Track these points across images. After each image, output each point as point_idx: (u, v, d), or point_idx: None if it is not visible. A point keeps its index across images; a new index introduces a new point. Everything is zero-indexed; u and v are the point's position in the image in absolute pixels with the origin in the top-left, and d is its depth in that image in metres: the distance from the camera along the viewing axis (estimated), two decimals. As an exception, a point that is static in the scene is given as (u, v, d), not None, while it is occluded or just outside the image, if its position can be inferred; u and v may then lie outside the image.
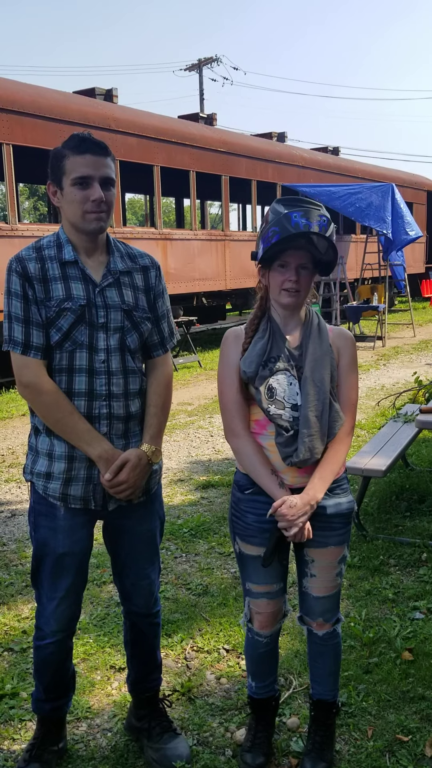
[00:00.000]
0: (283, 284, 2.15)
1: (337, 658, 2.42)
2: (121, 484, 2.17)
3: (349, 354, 2.26)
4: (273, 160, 14.87)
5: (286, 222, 2.04)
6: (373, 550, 4.08)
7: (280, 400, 2.15)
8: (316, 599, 2.31)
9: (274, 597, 2.32)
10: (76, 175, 2.09)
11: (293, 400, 2.15)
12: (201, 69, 33.29)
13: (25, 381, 2.14)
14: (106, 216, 2.15)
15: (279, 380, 2.16)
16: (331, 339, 2.24)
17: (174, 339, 2.41)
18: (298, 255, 2.13)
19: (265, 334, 2.21)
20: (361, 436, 6.70)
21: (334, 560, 2.28)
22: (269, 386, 2.15)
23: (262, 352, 2.17)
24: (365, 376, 10.22)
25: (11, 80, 10.11)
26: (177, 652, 3.11)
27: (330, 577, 2.29)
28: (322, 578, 2.28)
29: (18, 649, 3.14)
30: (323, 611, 2.33)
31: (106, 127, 10.75)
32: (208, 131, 13.38)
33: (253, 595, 2.34)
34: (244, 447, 2.20)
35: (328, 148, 18.71)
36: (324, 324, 2.27)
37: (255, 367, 2.16)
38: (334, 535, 2.25)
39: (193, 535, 4.43)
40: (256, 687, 2.47)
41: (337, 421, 2.17)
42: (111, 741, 2.55)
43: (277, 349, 2.19)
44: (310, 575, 2.29)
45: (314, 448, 2.13)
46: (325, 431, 2.14)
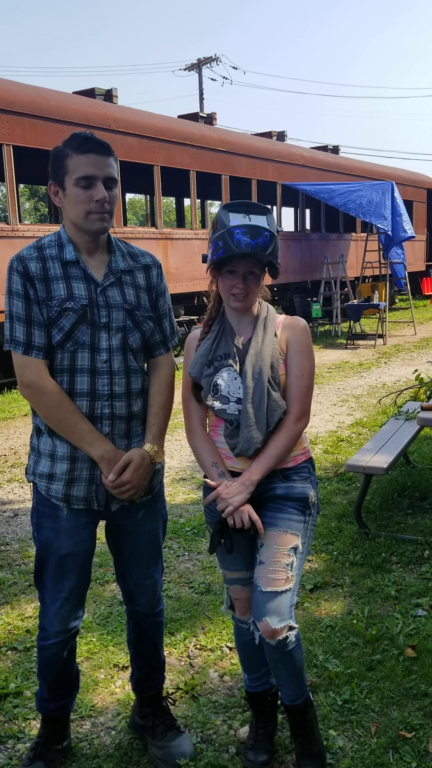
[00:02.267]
0: (231, 289, 2.21)
1: (296, 662, 2.30)
2: (124, 485, 2.16)
3: (298, 341, 2.27)
4: (273, 159, 14.87)
5: (229, 239, 2.09)
6: (375, 547, 4.08)
7: (225, 396, 2.24)
8: (263, 593, 2.20)
9: (247, 584, 2.37)
10: (80, 174, 2.08)
11: (237, 394, 2.23)
12: (200, 69, 33.29)
13: (27, 381, 2.13)
14: (110, 216, 2.15)
15: (223, 377, 2.24)
16: (279, 330, 2.28)
17: (176, 338, 2.41)
18: (246, 262, 2.18)
19: (213, 335, 2.30)
20: (362, 434, 6.70)
21: (284, 546, 2.22)
22: (214, 383, 2.25)
23: (206, 353, 2.27)
24: (366, 374, 10.22)
25: (11, 81, 10.11)
26: (180, 650, 3.12)
27: (278, 566, 2.21)
28: (270, 564, 2.21)
29: (22, 648, 3.15)
30: (271, 610, 2.18)
31: (106, 127, 10.76)
32: (208, 131, 13.38)
33: (228, 581, 2.42)
34: (194, 442, 2.34)
35: (328, 146, 18.71)
36: (272, 316, 2.30)
37: (199, 368, 2.27)
38: (284, 518, 2.25)
39: (196, 534, 4.43)
40: (249, 679, 2.49)
41: (276, 410, 2.20)
42: (115, 739, 2.56)
43: (225, 347, 2.27)
44: (259, 562, 2.25)
45: (252, 438, 2.19)
46: (264, 421, 2.20)
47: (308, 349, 2.29)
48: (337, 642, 3.11)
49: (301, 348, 2.27)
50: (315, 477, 2.37)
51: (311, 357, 2.29)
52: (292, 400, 2.25)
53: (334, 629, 3.22)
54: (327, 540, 4.23)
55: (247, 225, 2.09)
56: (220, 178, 13.47)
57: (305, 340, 2.28)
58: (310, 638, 3.15)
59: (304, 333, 2.29)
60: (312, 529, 2.35)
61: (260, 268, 2.22)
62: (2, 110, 9.29)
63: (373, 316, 15.33)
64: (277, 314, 2.35)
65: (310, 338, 2.31)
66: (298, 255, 15.90)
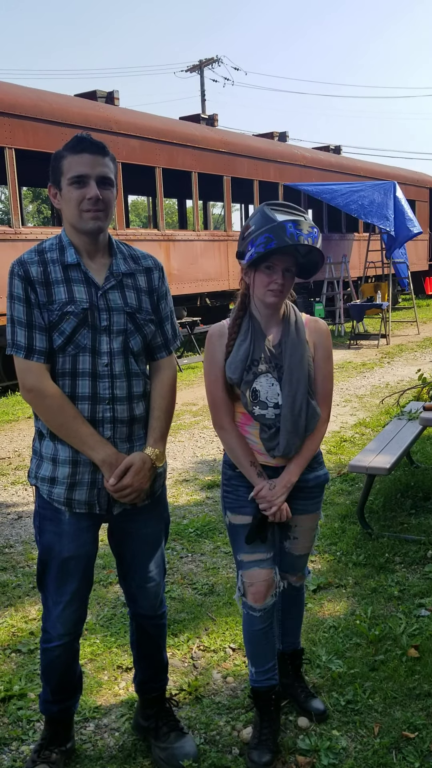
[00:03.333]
0: (269, 285, 2.29)
1: (302, 605, 2.77)
2: (125, 489, 2.16)
3: (324, 347, 2.42)
4: (274, 159, 14.87)
5: (281, 231, 2.18)
6: (378, 547, 4.08)
7: (263, 401, 2.34)
8: (297, 557, 2.59)
9: (265, 566, 2.43)
10: (73, 174, 2.09)
11: (275, 399, 2.34)
12: (202, 70, 33.29)
13: (29, 385, 2.14)
14: (104, 215, 2.14)
15: (261, 383, 2.33)
16: (307, 334, 2.39)
17: (178, 341, 2.41)
18: (285, 259, 2.28)
19: (248, 336, 2.35)
20: (365, 434, 6.70)
21: (313, 524, 2.56)
22: (253, 389, 2.33)
23: (245, 356, 2.33)
24: (369, 374, 10.21)
25: (12, 84, 10.14)
26: (183, 651, 3.13)
27: (309, 538, 2.58)
28: (303, 540, 2.56)
29: (26, 651, 3.16)
30: (302, 566, 2.63)
31: (107, 129, 10.78)
32: (210, 132, 13.40)
33: (245, 566, 2.45)
34: (229, 440, 2.42)
35: (330, 146, 18.71)
36: (301, 320, 2.41)
37: (240, 373, 2.33)
38: (314, 503, 2.52)
39: (199, 535, 4.44)
40: (256, 673, 2.51)
41: (315, 417, 2.37)
42: (119, 740, 2.56)
43: (259, 350, 2.34)
44: (293, 538, 2.54)
45: (293, 444, 2.34)
46: (303, 427, 2.35)
47: (331, 352, 2.46)
48: (340, 642, 3.11)
49: (325, 353, 2.42)
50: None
51: (332, 359, 2.46)
52: (320, 403, 2.40)
53: (338, 630, 3.22)
54: (330, 540, 4.23)
55: (297, 220, 2.20)
56: (222, 179, 13.48)
57: (329, 344, 2.44)
58: (313, 639, 3.15)
59: (328, 337, 2.44)
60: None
61: (296, 267, 2.32)
62: (4, 113, 9.31)
63: (376, 316, 15.32)
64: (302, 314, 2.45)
65: (331, 341, 2.47)
66: (300, 255, 15.84)
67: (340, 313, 15.45)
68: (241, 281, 2.39)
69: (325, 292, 15.69)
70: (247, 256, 2.26)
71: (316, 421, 2.37)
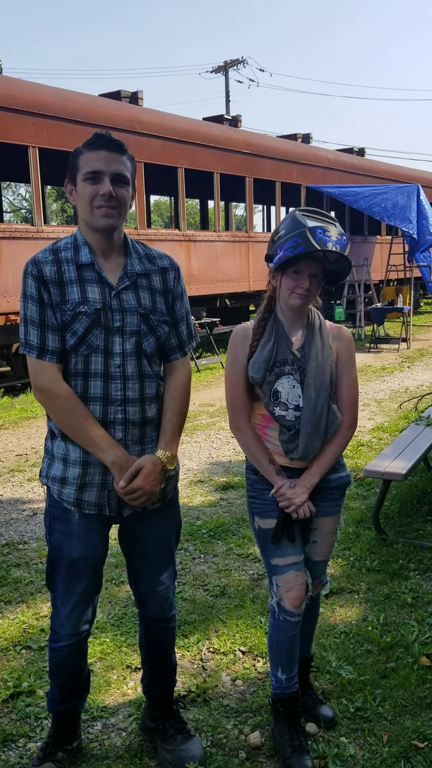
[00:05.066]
0: (295, 289, 2.31)
1: (318, 615, 2.78)
2: (135, 491, 2.15)
3: (347, 353, 2.44)
4: (297, 161, 14.82)
5: (311, 236, 2.21)
6: (392, 554, 4.05)
7: (284, 402, 2.35)
8: (316, 563, 2.54)
9: (300, 568, 2.43)
10: (88, 170, 2.08)
11: (296, 401, 2.35)
12: (227, 71, 33.32)
13: (40, 385, 2.13)
14: (117, 213, 2.12)
15: (283, 384, 2.35)
16: (330, 340, 2.41)
17: (193, 342, 2.38)
18: (312, 264, 2.29)
19: (272, 337, 2.36)
20: (383, 439, 6.65)
21: (333, 527, 2.54)
22: (275, 390, 2.35)
23: (269, 357, 2.34)
24: (389, 378, 10.14)
25: (37, 83, 10.22)
26: (193, 652, 3.12)
27: (329, 543, 2.55)
28: (322, 544, 2.53)
29: (36, 647, 3.17)
30: (320, 573, 2.59)
31: (131, 129, 10.81)
32: (232, 133, 13.38)
33: (279, 570, 2.42)
34: (247, 441, 2.42)
35: (354, 148, 18.62)
36: (325, 326, 2.43)
37: (263, 373, 2.34)
38: (334, 505, 2.51)
39: (212, 537, 4.43)
40: (286, 679, 2.47)
41: (335, 422, 2.38)
42: (125, 741, 2.56)
43: (282, 352, 2.36)
44: (312, 542, 2.51)
45: (312, 447, 2.35)
46: (323, 431, 2.36)
47: (354, 359, 2.47)
48: (351, 648, 3.08)
49: (349, 359, 2.44)
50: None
51: (355, 366, 2.48)
52: (344, 409, 2.42)
53: (349, 636, 3.19)
54: (344, 545, 4.20)
55: (326, 227, 2.24)
56: (244, 180, 13.47)
57: (352, 350, 2.47)
58: (323, 644, 3.13)
59: (351, 343, 2.47)
60: None
61: (323, 273, 2.34)
62: (29, 112, 9.38)
63: (397, 320, 15.21)
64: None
65: (354, 348, 2.49)
66: (321, 257, 15.78)
67: (360, 316, 15.36)
68: (269, 284, 2.41)
69: (345, 294, 15.61)
70: (275, 259, 2.29)
71: (336, 426, 2.38)
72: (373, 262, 16.96)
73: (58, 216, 42.95)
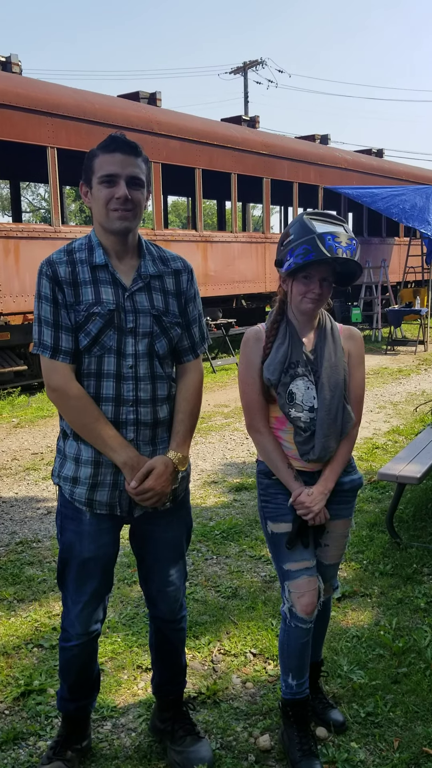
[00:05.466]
0: (306, 294, 2.31)
1: (328, 619, 2.75)
2: (146, 492, 2.15)
3: (357, 354, 2.45)
4: (315, 162, 14.78)
5: (320, 243, 2.20)
6: (406, 558, 4.02)
7: (299, 404, 2.35)
8: (327, 566, 2.54)
9: (312, 573, 2.41)
10: (103, 173, 2.09)
11: (310, 402, 2.35)
12: (246, 72, 33.31)
13: (54, 385, 2.15)
14: (132, 216, 2.13)
15: (298, 386, 2.35)
16: (342, 341, 2.42)
17: (205, 344, 2.38)
18: (323, 269, 2.29)
19: (285, 339, 2.36)
20: (398, 442, 6.61)
21: (345, 530, 2.53)
22: (290, 392, 2.35)
23: (283, 359, 2.34)
24: (405, 380, 10.08)
25: (56, 84, 10.28)
26: (204, 654, 3.11)
27: (341, 546, 2.54)
28: (334, 547, 2.52)
29: (48, 646, 3.18)
30: (331, 576, 2.58)
31: (149, 130, 10.85)
32: (250, 134, 13.38)
33: (292, 576, 2.40)
34: (265, 444, 2.41)
35: (372, 150, 18.53)
36: (336, 328, 2.44)
37: (278, 375, 2.34)
38: (347, 507, 2.51)
39: (225, 538, 4.42)
40: (296, 685, 2.46)
41: (349, 422, 2.38)
42: (135, 741, 2.56)
43: (296, 353, 2.36)
44: (324, 545, 2.50)
45: (329, 447, 2.35)
46: (338, 432, 2.36)
47: (363, 359, 2.49)
48: (362, 653, 3.06)
49: (359, 360, 2.45)
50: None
51: (364, 366, 2.49)
52: (353, 408, 2.42)
53: (361, 640, 3.18)
54: (357, 549, 4.17)
55: (336, 232, 2.22)
56: (262, 181, 13.45)
57: (362, 352, 2.48)
58: (335, 648, 3.11)
59: (361, 344, 2.48)
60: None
61: (334, 277, 2.34)
62: (47, 113, 9.44)
63: (414, 322, 15.12)
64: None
65: (364, 349, 2.51)
66: (339, 259, 15.72)
67: (377, 318, 15.28)
68: (280, 287, 2.41)
69: (363, 296, 15.53)
70: (285, 265, 2.28)
71: (351, 425, 2.39)
72: (390, 263, 16.87)
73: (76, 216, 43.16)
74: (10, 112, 9.04)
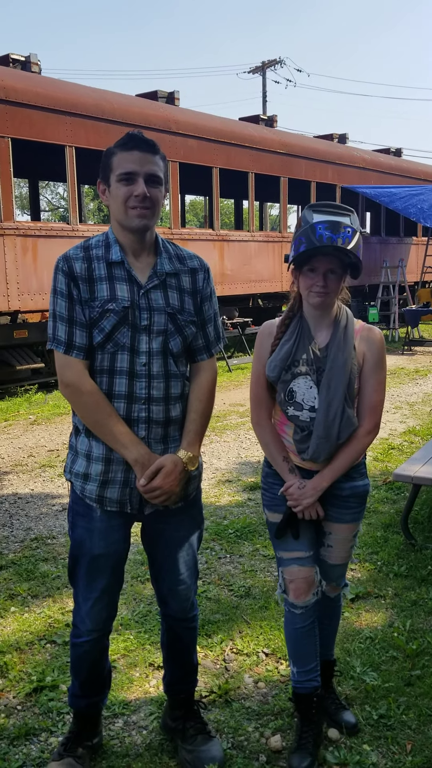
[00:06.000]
0: (312, 287, 2.27)
1: (339, 616, 2.73)
2: (155, 490, 2.15)
3: (376, 356, 2.34)
4: (333, 161, 14.72)
5: (311, 233, 2.16)
6: (421, 559, 3.98)
7: (299, 402, 2.32)
8: (332, 566, 2.53)
9: (304, 564, 2.42)
10: (122, 171, 2.09)
11: (311, 402, 2.31)
12: (264, 71, 33.24)
13: (67, 380, 2.15)
14: (151, 214, 2.13)
15: (299, 384, 2.31)
16: (357, 341, 2.33)
17: (220, 343, 2.37)
18: (326, 260, 2.23)
19: (293, 336, 2.33)
20: (414, 443, 6.56)
21: (350, 534, 2.49)
22: (290, 390, 2.32)
23: (286, 356, 2.31)
24: (423, 381, 10.01)
25: (75, 84, 10.32)
26: (216, 653, 3.11)
27: (345, 549, 2.51)
28: (337, 549, 2.49)
29: (61, 642, 3.19)
30: (337, 576, 2.57)
31: (166, 129, 10.86)
32: (268, 133, 13.35)
33: (284, 563, 2.45)
34: (264, 436, 2.43)
35: (391, 149, 18.42)
36: (352, 326, 2.35)
37: (278, 372, 2.32)
38: (349, 513, 2.45)
39: (239, 537, 4.41)
40: (298, 674, 2.47)
41: (349, 427, 2.30)
42: (146, 739, 2.56)
43: (302, 350, 2.32)
44: (327, 545, 2.49)
45: (323, 449, 2.30)
46: (335, 436, 2.29)
47: (383, 362, 2.35)
48: (376, 654, 3.04)
49: (377, 362, 2.34)
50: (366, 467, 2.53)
51: (384, 369, 2.36)
52: (365, 414, 2.34)
53: (374, 641, 3.15)
54: (372, 549, 4.15)
55: (329, 221, 2.16)
56: (279, 180, 13.42)
57: (381, 354, 2.35)
58: (348, 649, 3.09)
59: (381, 347, 2.36)
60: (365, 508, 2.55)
61: (342, 268, 2.26)
62: (66, 112, 9.48)
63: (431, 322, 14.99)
64: (356, 320, 2.39)
65: (384, 350, 2.38)
66: (356, 258, 15.66)
67: (394, 318, 15.19)
68: (292, 284, 2.39)
69: (380, 296, 15.45)
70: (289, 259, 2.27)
71: (351, 431, 2.31)
72: (408, 263, 16.76)
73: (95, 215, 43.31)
74: (29, 111, 9.09)
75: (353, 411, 2.31)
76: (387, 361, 5.96)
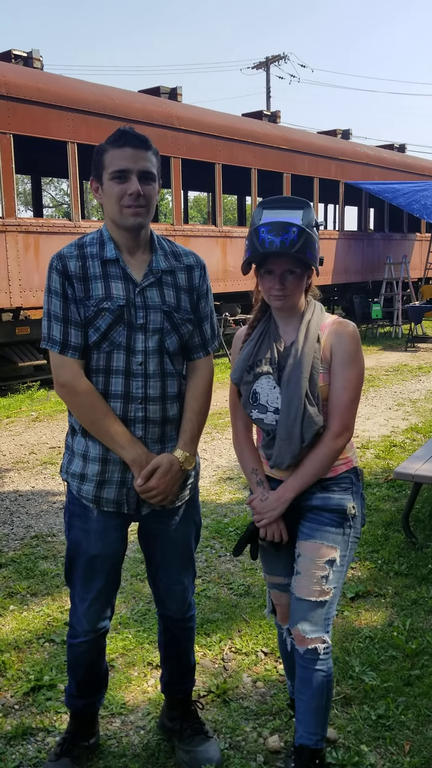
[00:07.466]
0: (270, 291, 2.12)
1: (320, 692, 2.16)
2: (151, 490, 2.14)
3: (345, 350, 2.12)
4: (336, 157, 14.67)
5: (255, 237, 2.02)
6: (421, 558, 3.97)
7: (263, 404, 2.17)
8: (298, 601, 2.18)
9: (285, 590, 2.33)
10: (114, 168, 2.05)
11: (275, 404, 2.15)
12: (268, 67, 33.11)
13: (62, 380, 2.12)
14: (145, 211, 2.10)
15: (262, 385, 2.17)
16: (324, 335, 2.15)
17: (216, 341, 2.35)
18: (282, 262, 2.07)
19: (256, 337, 2.22)
20: (417, 440, 6.54)
21: (320, 558, 2.16)
22: (253, 391, 2.18)
23: (247, 357, 2.20)
24: (426, 378, 9.98)
25: (77, 79, 10.29)
26: (215, 652, 3.10)
27: (314, 578, 2.15)
28: (306, 576, 2.17)
29: (59, 641, 3.19)
30: (304, 618, 2.16)
31: (169, 125, 10.83)
32: (271, 129, 13.30)
33: (269, 584, 2.41)
34: (237, 445, 2.34)
35: (394, 145, 18.34)
36: (317, 319, 2.17)
37: (240, 374, 2.21)
38: (322, 530, 2.17)
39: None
40: (292, 685, 2.46)
41: (311, 426, 2.09)
42: (143, 739, 2.55)
43: (265, 350, 2.18)
44: (296, 572, 2.21)
45: (285, 453, 2.13)
46: (298, 437, 2.09)
47: (354, 357, 2.12)
48: (375, 654, 3.03)
49: (346, 357, 2.11)
50: (359, 487, 2.26)
51: (358, 366, 2.14)
52: (333, 414, 2.12)
53: (373, 640, 3.14)
54: (372, 548, 4.13)
55: (273, 222, 2.00)
56: (282, 176, 13.37)
57: (352, 348, 2.12)
58: (347, 648, 3.08)
59: (351, 340, 2.13)
60: (354, 541, 2.24)
61: (301, 267, 2.09)
62: (68, 108, 9.45)
63: (435, 319, 14.94)
64: (326, 315, 2.22)
65: (358, 345, 2.15)
66: (359, 255, 15.65)
67: (398, 315, 15.14)
68: (256, 286, 2.23)
69: (383, 292, 15.40)
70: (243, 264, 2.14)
71: (314, 430, 2.08)
72: (411, 259, 16.71)
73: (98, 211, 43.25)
74: (31, 107, 9.07)
75: (317, 409, 2.10)
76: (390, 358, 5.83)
